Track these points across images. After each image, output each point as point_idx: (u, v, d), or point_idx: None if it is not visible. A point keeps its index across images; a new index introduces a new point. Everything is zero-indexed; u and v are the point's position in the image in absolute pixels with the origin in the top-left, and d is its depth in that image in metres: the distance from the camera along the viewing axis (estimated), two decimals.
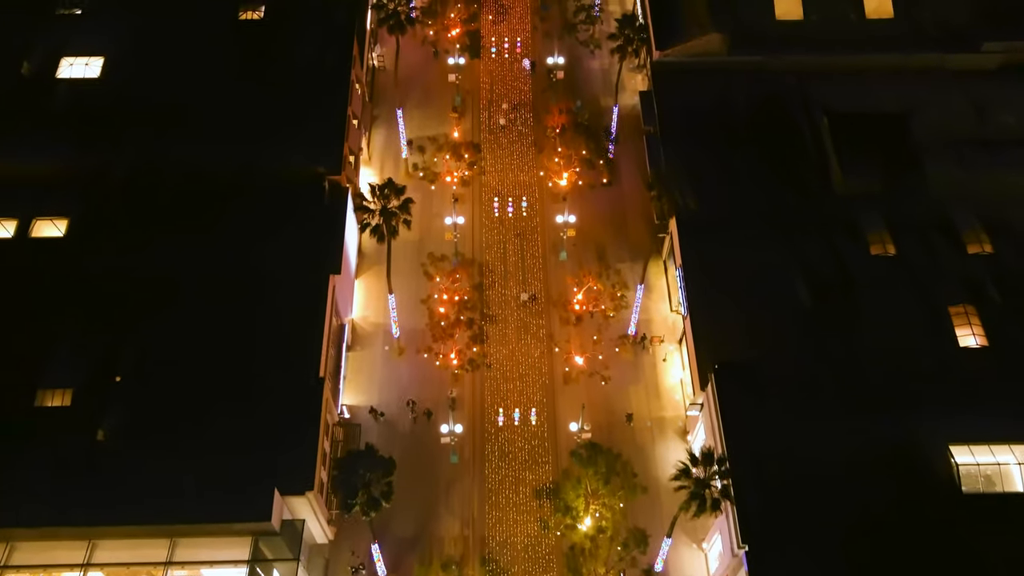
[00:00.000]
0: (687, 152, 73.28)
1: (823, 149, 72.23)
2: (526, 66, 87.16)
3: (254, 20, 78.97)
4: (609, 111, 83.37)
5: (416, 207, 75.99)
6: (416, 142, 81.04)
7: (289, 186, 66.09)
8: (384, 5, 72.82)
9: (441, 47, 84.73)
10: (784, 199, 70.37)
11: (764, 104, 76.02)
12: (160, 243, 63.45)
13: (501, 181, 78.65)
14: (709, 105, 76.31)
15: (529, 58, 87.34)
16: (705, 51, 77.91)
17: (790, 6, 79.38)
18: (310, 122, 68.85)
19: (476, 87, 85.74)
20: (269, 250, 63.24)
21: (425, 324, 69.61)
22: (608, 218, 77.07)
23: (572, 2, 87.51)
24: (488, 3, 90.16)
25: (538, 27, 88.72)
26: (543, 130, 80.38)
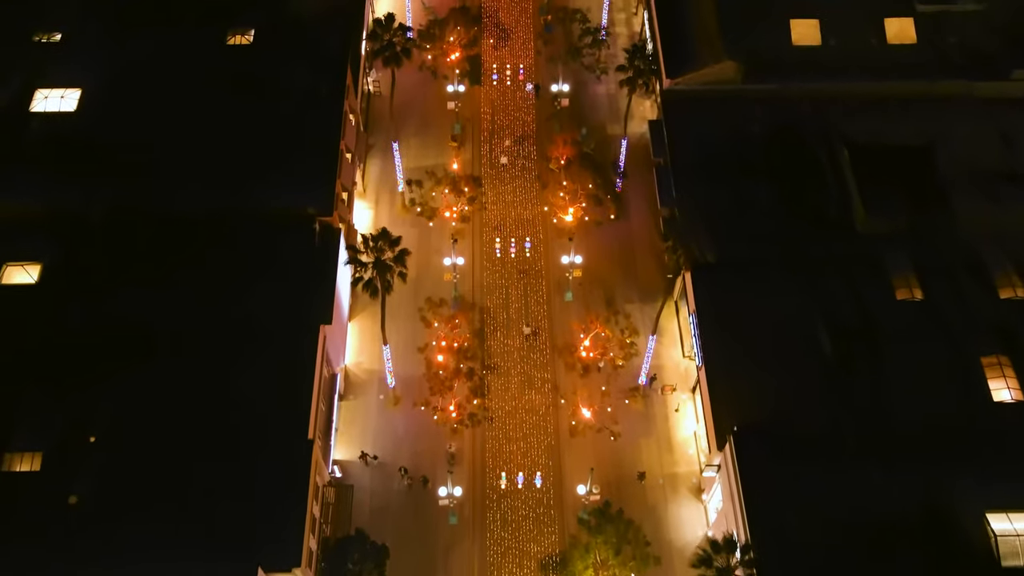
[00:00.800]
0: (699, 185, 69.32)
1: (844, 184, 68.08)
2: (529, 89, 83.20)
3: (242, 46, 75.00)
4: (616, 140, 79.33)
5: (413, 244, 72.22)
6: (413, 175, 76.88)
7: (277, 228, 61.98)
8: (378, 35, 68.51)
9: (440, 72, 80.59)
10: (803, 237, 66.23)
11: (780, 134, 71.89)
12: (139, 290, 59.37)
13: (503, 217, 74.53)
14: (722, 135, 72.25)
15: (533, 81, 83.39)
16: (718, 79, 73.78)
17: (807, 31, 75.23)
18: (300, 159, 64.75)
19: (476, 114, 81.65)
20: (255, 297, 59.13)
21: (422, 373, 65.47)
22: (616, 255, 72.95)
23: (577, 25, 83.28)
24: (489, 27, 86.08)
25: (541, 51, 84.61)
26: (547, 162, 76.30)
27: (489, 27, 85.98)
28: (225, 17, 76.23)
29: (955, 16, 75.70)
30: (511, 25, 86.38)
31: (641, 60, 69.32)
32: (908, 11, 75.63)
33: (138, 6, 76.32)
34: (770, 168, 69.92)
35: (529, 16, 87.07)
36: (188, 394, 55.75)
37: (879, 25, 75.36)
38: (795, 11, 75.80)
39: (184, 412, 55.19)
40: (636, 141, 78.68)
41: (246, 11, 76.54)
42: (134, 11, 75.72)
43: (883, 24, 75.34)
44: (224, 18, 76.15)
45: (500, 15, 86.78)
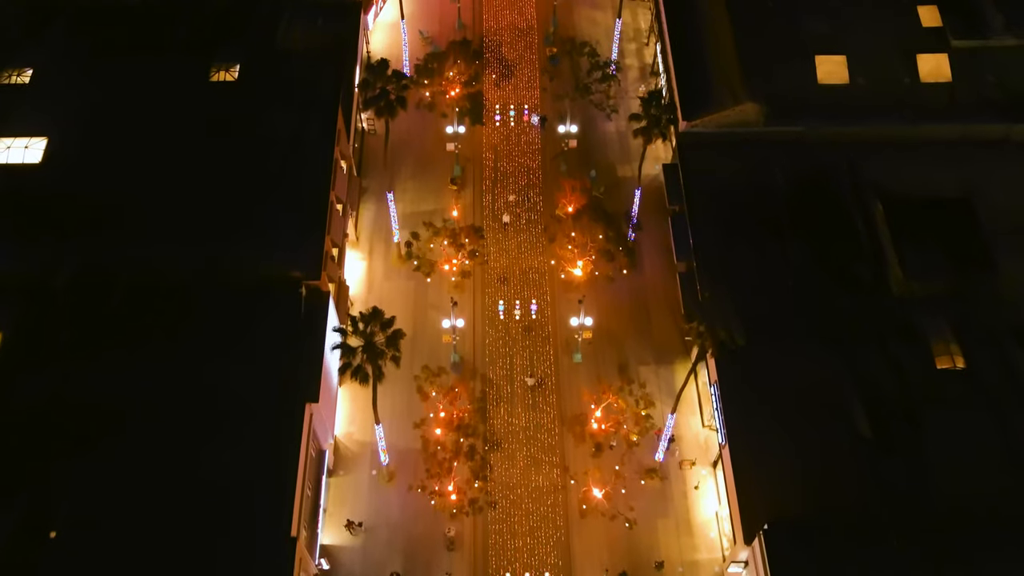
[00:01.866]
0: (719, 239, 64.05)
1: (878, 240, 62.66)
2: (535, 122, 77.93)
3: (226, 83, 69.75)
4: (627, 182, 74.04)
5: (409, 299, 67.31)
6: (410, 222, 71.53)
7: (260, 291, 56.56)
8: (370, 83, 62.92)
9: (438, 110, 75.12)
10: (834, 299, 60.79)
11: (807, 182, 66.46)
12: (107, 363, 53.98)
13: (507, 271, 69.04)
14: (743, 182, 66.85)
15: (539, 113, 78.13)
16: (738, 122, 68.37)
17: (834, 69, 69.77)
18: (286, 216, 59.27)
19: (478, 154, 76.31)
20: (233, 372, 53.71)
21: (419, 448, 59.97)
22: (628, 312, 67.50)
23: (585, 59, 77.81)
24: (491, 61, 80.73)
25: (547, 87, 79.21)
26: (554, 210, 70.87)
27: (491, 62, 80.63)
28: (210, 50, 71.31)
29: (993, 52, 70.22)
30: (515, 60, 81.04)
31: (657, 108, 63.65)
32: (942, 47, 70.17)
33: (118, 36, 71.53)
34: (796, 220, 64.52)
35: (534, 50, 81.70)
36: (158, 482, 50.35)
37: (911, 62, 69.87)
38: (820, 47, 70.39)
39: (155, 502, 49.81)
40: (649, 183, 73.26)
41: (232, 43, 71.58)
42: (113, 42, 70.90)
43: (915, 61, 69.85)
44: (209, 51, 71.23)
45: (503, 49, 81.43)
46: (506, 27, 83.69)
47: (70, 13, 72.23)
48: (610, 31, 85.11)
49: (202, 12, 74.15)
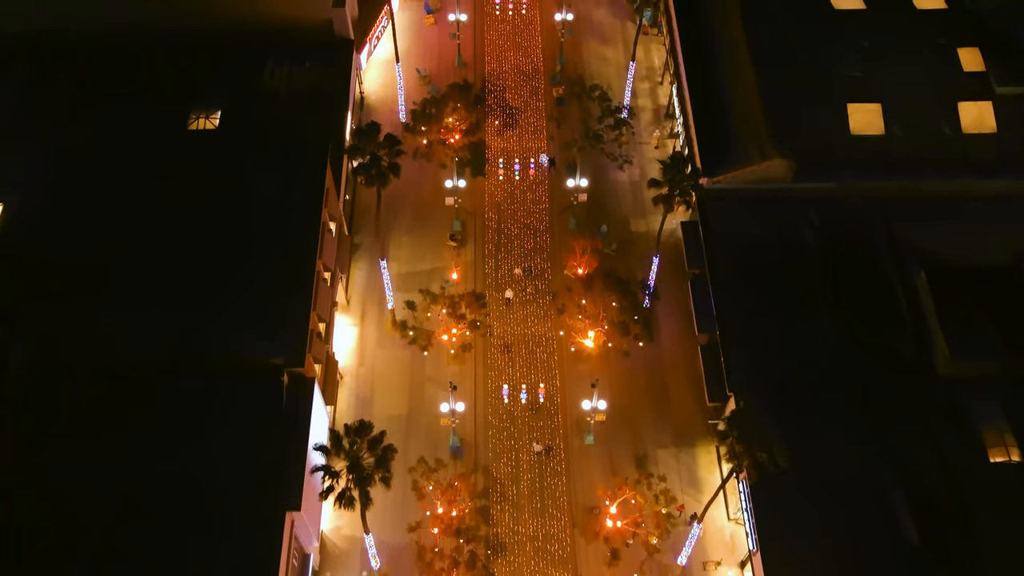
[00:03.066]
0: (744, 308, 58.34)
1: (921, 312, 56.82)
2: (543, 162, 72.27)
3: (206, 132, 64.08)
4: (641, 239, 68.30)
5: (405, 371, 61.41)
6: (406, 283, 65.80)
7: (235, 379, 50.72)
8: (359, 149, 56.91)
9: (436, 159, 69.22)
10: (872, 379, 55.06)
11: (841, 245, 60.73)
12: (62, 461, 48.11)
13: (511, 340, 63.09)
14: (770, 243, 61.13)
15: (547, 155, 72.46)
16: (764, 178, 62.56)
17: (868, 118, 63.86)
18: (267, 291, 53.45)
19: (480, 206, 70.53)
20: (205, 472, 47.82)
21: (415, 553, 53.93)
22: (645, 388, 61.59)
23: (595, 104, 71.77)
24: (494, 107, 74.94)
25: (555, 136, 73.35)
26: (562, 271, 65.08)
27: (494, 107, 74.84)
28: (190, 93, 65.78)
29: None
30: (520, 105, 75.20)
31: (678, 173, 57.65)
32: (986, 94, 64.14)
33: (87, 80, 65.98)
34: (830, 287, 58.72)
35: (540, 95, 75.82)
36: None
37: (952, 110, 63.96)
38: (853, 94, 64.49)
39: None
40: (666, 238, 67.32)
41: (214, 86, 66.05)
42: (82, 87, 65.38)
43: (957, 109, 64.01)
44: (189, 95, 65.70)
45: (507, 93, 75.64)
46: (509, 66, 78.02)
47: (32, 56, 66.49)
48: (621, 69, 79.40)
49: (181, 51, 68.69)
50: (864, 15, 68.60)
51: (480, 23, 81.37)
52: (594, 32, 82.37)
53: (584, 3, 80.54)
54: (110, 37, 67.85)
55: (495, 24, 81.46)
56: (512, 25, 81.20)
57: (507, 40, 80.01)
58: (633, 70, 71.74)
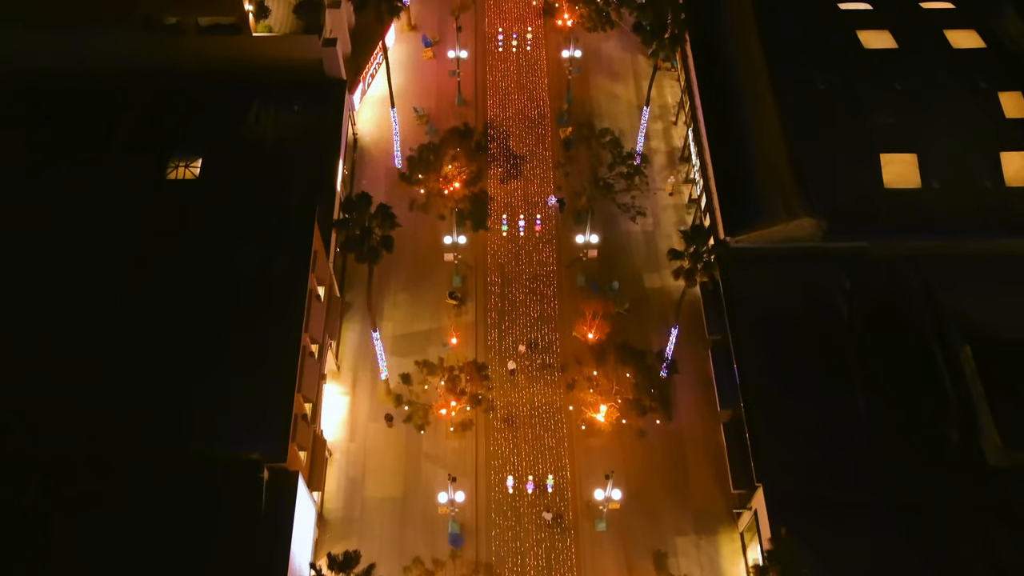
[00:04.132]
0: (771, 381, 53.29)
1: (967, 392, 51.72)
2: (551, 203, 67.37)
3: (185, 183, 59.19)
4: (656, 295, 63.36)
5: (400, 448, 56.39)
6: (401, 347, 60.88)
7: (206, 478, 45.50)
8: (348, 222, 51.60)
9: (434, 211, 64.05)
10: (912, 466, 49.98)
11: (875, 311, 55.69)
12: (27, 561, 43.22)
13: (515, 415, 58.05)
14: (798, 307, 56.08)
15: (556, 196, 67.62)
16: (791, 237, 57.48)
17: (903, 170, 58.76)
18: (243, 376, 48.32)
19: (481, 259, 65.51)
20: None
21: None
22: (661, 469, 56.43)
23: (606, 152, 66.55)
24: (497, 155, 69.82)
25: (562, 186, 68.24)
26: (571, 336, 60.03)
27: (497, 155, 69.75)
28: (170, 138, 61.00)
29: None
30: (525, 153, 70.12)
31: (701, 243, 52.39)
32: None
33: (54, 123, 61.09)
34: (864, 360, 53.60)
35: (547, 143, 70.70)
36: None
37: (994, 161, 58.85)
38: (886, 143, 59.42)
39: None
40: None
41: (196, 130, 61.36)
42: (47, 132, 60.46)
43: (999, 160, 58.93)
44: (169, 139, 60.91)
45: (510, 140, 70.59)
46: (513, 109, 72.94)
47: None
48: (632, 107, 74.43)
49: (161, 93, 63.80)
50: (896, 55, 63.59)
51: (481, 61, 76.40)
52: (602, 67, 77.37)
53: (592, 36, 75.44)
54: (82, 78, 62.88)
55: (497, 62, 76.47)
56: (516, 64, 76.22)
57: (510, 80, 75.00)
58: (647, 115, 66.64)
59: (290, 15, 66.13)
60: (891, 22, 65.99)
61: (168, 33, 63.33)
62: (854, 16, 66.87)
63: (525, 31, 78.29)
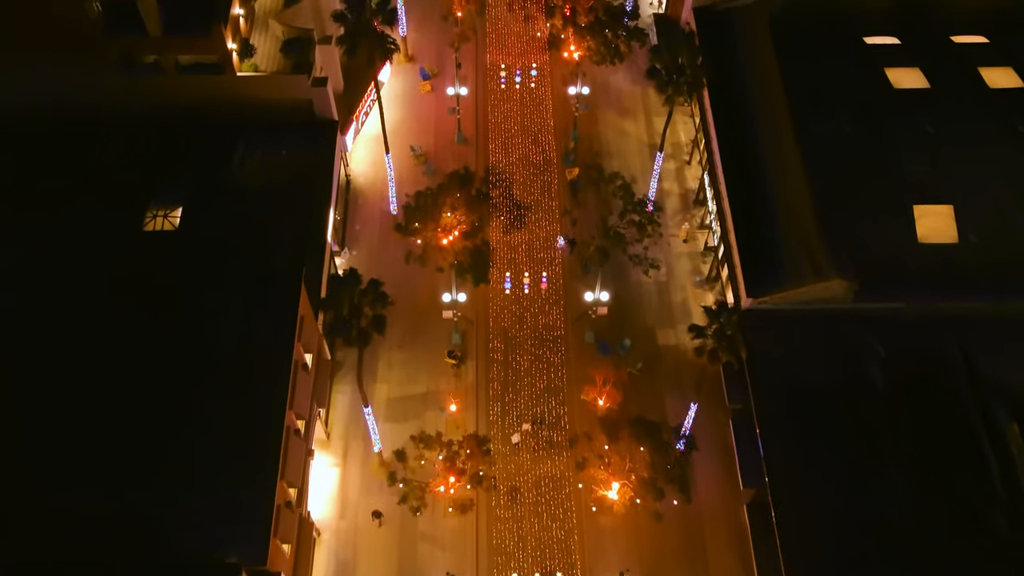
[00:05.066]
0: (798, 454, 48.91)
1: (1015, 477, 47.22)
2: (560, 245, 63.15)
3: (163, 235, 54.80)
4: (671, 353, 59.01)
5: (394, 528, 51.98)
6: (395, 413, 56.56)
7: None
8: (333, 303, 46.83)
9: (432, 263, 59.57)
10: (955, 558, 45.46)
11: (910, 378, 51.21)
12: None
13: (519, 494, 53.55)
14: (826, 376, 51.59)
15: (566, 236, 63.40)
16: (819, 298, 53.04)
17: (938, 223, 54.35)
18: (219, 465, 43.72)
19: (483, 314, 61.12)
20: None
21: None
22: (679, 553, 51.84)
23: (617, 199, 62.03)
24: (500, 202, 65.38)
25: (569, 235, 63.69)
26: (579, 397, 55.61)
27: (499, 203, 65.27)
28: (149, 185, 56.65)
29: None
30: (529, 202, 65.62)
31: (727, 322, 47.83)
32: None
33: (28, 170, 56.70)
34: (900, 440, 49.08)
35: (553, 192, 66.23)
36: None
37: None
38: (919, 193, 55.06)
39: None
40: (691, 359, 57.89)
41: (177, 176, 56.81)
42: (19, 179, 56.09)
43: None
44: (148, 186, 56.55)
45: (513, 187, 66.17)
46: (516, 150, 68.50)
47: None
48: (642, 145, 70.12)
49: (140, 136, 59.41)
50: (929, 96, 59.25)
51: (483, 97, 71.99)
52: (611, 101, 72.99)
53: (599, 69, 70.96)
54: (53, 117, 58.28)
55: (500, 102, 71.88)
56: (519, 102, 71.72)
57: (513, 122, 70.43)
58: (660, 160, 62.15)
59: (278, 52, 61.86)
60: (922, 59, 61.68)
61: (147, 72, 58.94)
62: (882, 52, 62.55)
63: (529, 66, 73.83)
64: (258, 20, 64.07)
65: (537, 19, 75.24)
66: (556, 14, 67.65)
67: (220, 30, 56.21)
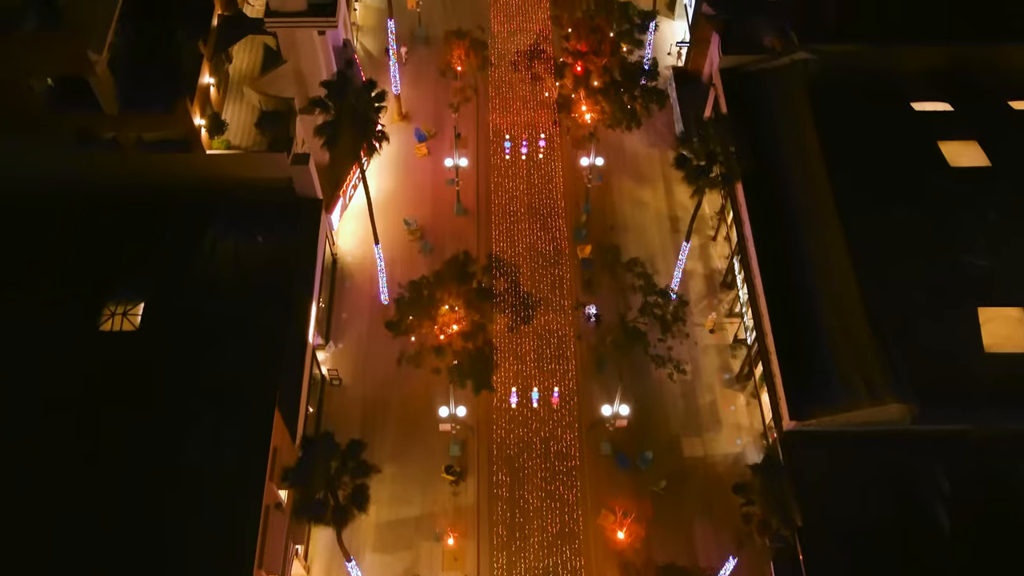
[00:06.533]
0: None
1: None
2: (590, 317, 56.55)
3: (122, 336, 48.15)
4: (699, 468, 51.95)
5: None
6: (388, 542, 49.41)
7: None
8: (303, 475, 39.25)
9: (428, 364, 52.42)
10: None
11: (978, 512, 44.18)
12: None
13: None
14: (881, 510, 44.55)
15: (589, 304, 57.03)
16: (873, 421, 46.01)
17: (1006, 328, 47.19)
18: None
19: (485, 423, 54.12)
20: None
21: None
22: None
23: (634, 279, 54.91)
24: (503, 289, 58.30)
25: (583, 336, 56.77)
26: (596, 522, 48.64)
27: (503, 290, 58.13)
28: (108, 275, 50.11)
29: None
30: (539, 298, 58.38)
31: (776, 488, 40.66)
32: None
33: None
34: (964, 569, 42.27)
35: (564, 290, 58.85)
36: None
37: None
38: (983, 292, 48.02)
39: None
40: (726, 467, 51.10)
41: (140, 265, 50.36)
42: None
43: None
44: (106, 277, 50.00)
45: (520, 277, 59.13)
46: (523, 236, 61.23)
47: None
48: (661, 217, 63.26)
49: (99, 217, 52.73)
50: (989, 175, 52.29)
51: (485, 168, 65.02)
52: (626, 165, 66.06)
53: (614, 130, 63.97)
54: None
55: (505, 177, 64.60)
56: (526, 178, 64.49)
57: (520, 202, 63.02)
58: (686, 251, 54.96)
59: (254, 126, 55.00)
60: (979, 129, 54.72)
61: (104, 148, 52.02)
62: (933, 121, 55.57)
63: (537, 136, 66.76)
64: (232, 86, 57.20)
65: (545, 80, 68.26)
66: (567, 73, 60.69)
67: (185, 106, 49.34)
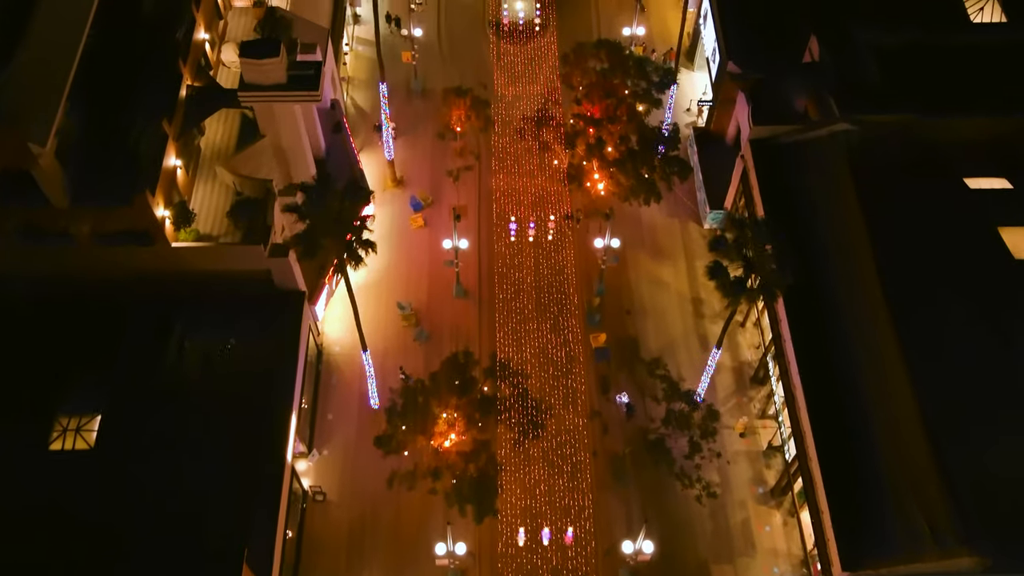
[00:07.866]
0: None
1: None
2: (620, 405, 50.71)
3: (75, 456, 43.29)
4: None
5: None
6: None
7: None
8: None
9: (422, 485, 46.02)
10: None
11: None
12: None
13: None
14: None
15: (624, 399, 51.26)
16: (938, 572, 39.72)
17: None
18: None
19: (488, 548, 47.95)
20: None
21: None
22: None
23: (657, 385, 48.71)
24: (510, 400, 51.65)
25: (599, 452, 50.36)
26: None
27: (511, 401, 51.51)
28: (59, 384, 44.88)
29: None
30: (545, 407, 51.46)
31: None
32: None
33: None
34: None
35: (578, 407, 52.12)
36: None
37: None
38: None
39: None
40: None
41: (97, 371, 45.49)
42: None
43: None
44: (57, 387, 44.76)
45: (526, 378, 52.64)
46: (532, 339, 54.61)
47: None
48: (683, 300, 57.16)
49: (51, 315, 47.05)
50: None
51: (488, 254, 58.65)
52: (643, 238, 59.83)
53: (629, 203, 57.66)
54: None
55: (510, 264, 58.12)
56: (533, 268, 57.90)
57: (527, 297, 56.44)
58: (716, 358, 48.54)
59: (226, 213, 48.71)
60: None
61: (54, 242, 45.79)
62: (991, 203, 49.32)
63: (546, 214, 60.43)
64: (204, 162, 50.93)
65: (555, 149, 61.95)
66: (578, 142, 54.60)
67: (145, 199, 43.05)
